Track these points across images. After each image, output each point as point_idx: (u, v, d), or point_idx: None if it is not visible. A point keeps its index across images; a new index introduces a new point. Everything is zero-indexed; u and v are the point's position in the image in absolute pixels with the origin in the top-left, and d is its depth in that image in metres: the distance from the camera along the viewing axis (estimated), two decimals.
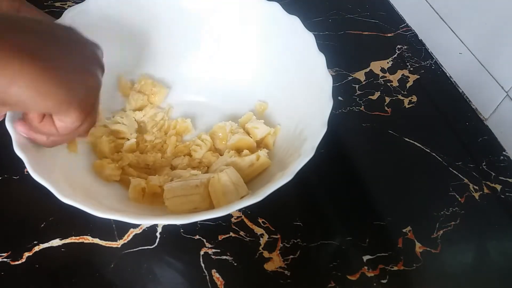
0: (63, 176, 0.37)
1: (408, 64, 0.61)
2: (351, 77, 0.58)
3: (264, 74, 0.49)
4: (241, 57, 0.50)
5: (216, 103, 0.51)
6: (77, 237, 0.41)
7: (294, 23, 0.46)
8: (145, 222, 0.34)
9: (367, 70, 0.59)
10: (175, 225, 0.42)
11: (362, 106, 0.55)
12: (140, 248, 0.41)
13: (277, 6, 0.47)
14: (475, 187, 0.49)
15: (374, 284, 0.41)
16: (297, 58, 0.46)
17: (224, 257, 0.42)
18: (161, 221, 0.34)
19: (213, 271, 0.41)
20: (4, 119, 0.36)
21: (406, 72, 0.60)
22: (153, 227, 0.43)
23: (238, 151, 0.45)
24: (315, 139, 0.38)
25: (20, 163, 0.44)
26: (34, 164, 0.35)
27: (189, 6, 0.49)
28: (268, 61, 0.49)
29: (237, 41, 0.50)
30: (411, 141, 0.52)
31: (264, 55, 0.49)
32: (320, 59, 0.43)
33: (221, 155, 0.45)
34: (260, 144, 0.46)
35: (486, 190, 0.49)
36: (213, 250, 0.42)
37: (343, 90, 0.56)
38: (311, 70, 0.44)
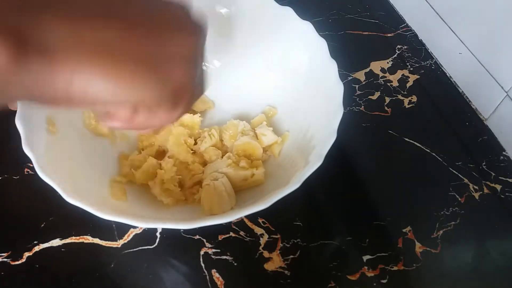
0: (69, 176, 0.37)
1: (408, 64, 0.61)
2: (351, 77, 0.58)
3: (275, 78, 0.49)
4: (252, 60, 0.50)
5: (225, 104, 0.51)
6: (77, 237, 0.41)
7: (306, 28, 0.46)
8: (150, 225, 0.34)
9: (367, 70, 0.59)
10: None
11: (362, 106, 0.55)
12: (140, 248, 0.41)
13: (290, 10, 0.46)
14: (475, 187, 0.49)
15: (374, 284, 0.41)
16: (309, 64, 0.46)
17: (224, 257, 0.42)
18: (166, 225, 0.34)
19: (213, 271, 0.41)
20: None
21: (406, 72, 0.60)
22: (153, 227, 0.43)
23: (242, 155, 0.45)
24: (323, 147, 0.38)
25: (20, 163, 0.45)
26: (41, 163, 0.35)
27: (198, 7, 0.49)
28: (279, 65, 0.49)
29: (248, 44, 0.50)
30: (411, 141, 0.52)
31: (275, 59, 0.49)
32: (332, 66, 0.43)
33: (224, 153, 0.45)
34: (267, 150, 0.46)
35: (486, 190, 0.49)
36: (213, 250, 0.42)
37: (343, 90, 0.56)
38: (322, 76, 0.44)
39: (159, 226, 0.34)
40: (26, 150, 0.35)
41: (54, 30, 0.20)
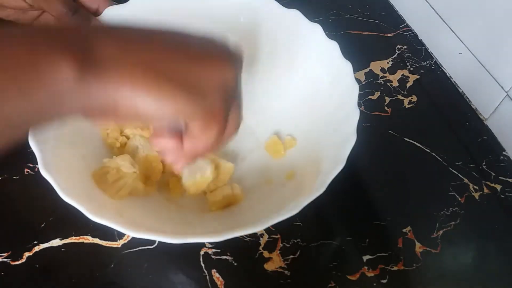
0: (72, 177, 0.37)
1: (408, 64, 0.61)
2: None
3: (284, 86, 0.49)
4: (260, 67, 0.50)
5: None
6: (77, 237, 0.41)
7: (315, 30, 0.46)
8: (143, 236, 0.33)
9: (367, 70, 0.59)
10: None
11: (362, 106, 0.55)
12: (140, 248, 0.41)
13: (297, 13, 0.46)
14: (475, 187, 0.49)
15: (374, 284, 0.41)
16: (321, 66, 0.46)
17: (224, 257, 0.42)
18: (160, 238, 0.34)
19: (213, 271, 0.41)
20: None
21: (406, 72, 0.60)
22: None
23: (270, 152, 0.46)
24: (344, 148, 0.38)
25: (20, 163, 0.45)
26: (46, 162, 0.35)
27: (207, 12, 0.49)
28: (288, 70, 0.48)
29: (257, 50, 0.50)
30: (411, 141, 0.52)
31: (284, 63, 0.49)
32: (347, 67, 0.43)
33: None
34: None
35: (486, 190, 0.49)
36: (213, 250, 0.42)
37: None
38: (336, 77, 0.44)
39: (150, 237, 0.34)
40: (33, 145, 0.35)
41: (108, 51, 0.23)
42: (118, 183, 0.39)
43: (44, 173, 0.34)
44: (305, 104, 0.47)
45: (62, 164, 0.37)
